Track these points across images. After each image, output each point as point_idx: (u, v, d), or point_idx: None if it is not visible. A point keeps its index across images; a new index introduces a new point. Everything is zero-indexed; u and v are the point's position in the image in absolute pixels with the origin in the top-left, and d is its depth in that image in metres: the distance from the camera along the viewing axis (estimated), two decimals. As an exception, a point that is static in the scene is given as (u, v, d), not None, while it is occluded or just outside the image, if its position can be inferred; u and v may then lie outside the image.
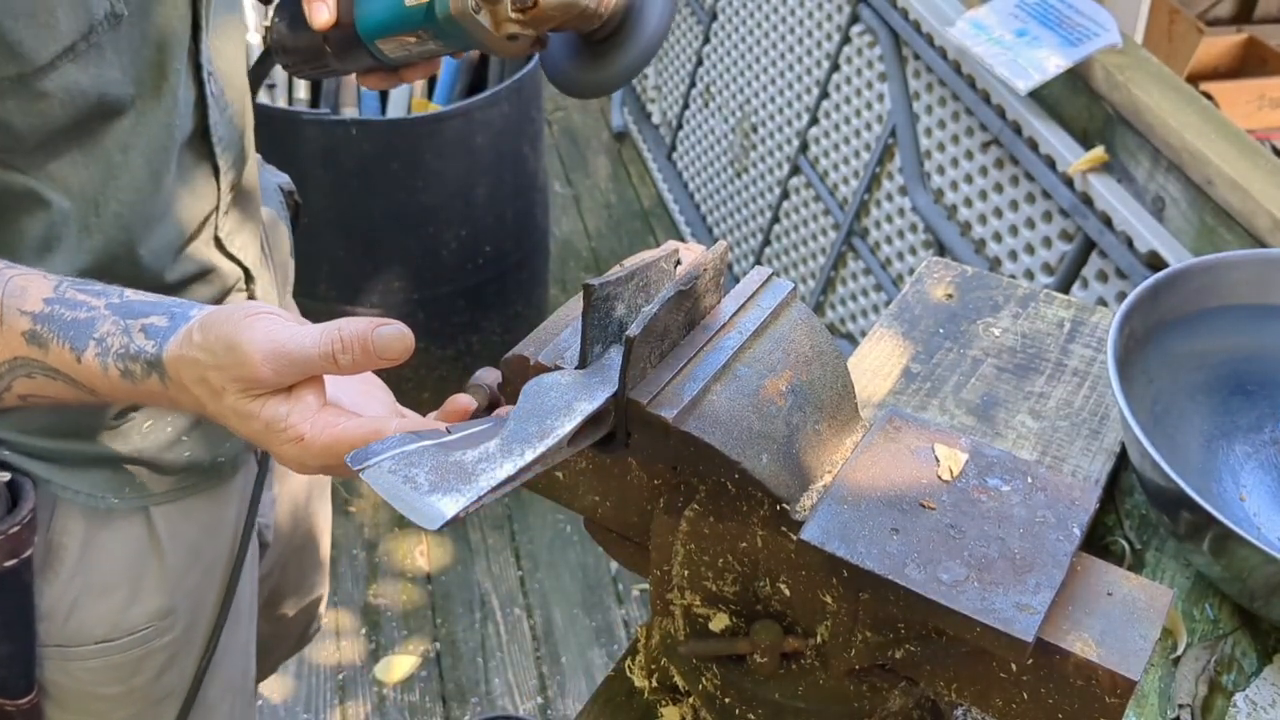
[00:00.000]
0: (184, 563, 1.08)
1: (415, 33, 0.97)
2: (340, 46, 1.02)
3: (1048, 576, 0.66)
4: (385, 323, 0.69)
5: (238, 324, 0.69)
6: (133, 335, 0.74)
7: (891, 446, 0.75)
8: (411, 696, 2.27)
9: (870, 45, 2.40)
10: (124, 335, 0.74)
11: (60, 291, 0.76)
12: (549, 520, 2.62)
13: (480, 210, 2.51)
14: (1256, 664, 0.92)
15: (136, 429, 1.01)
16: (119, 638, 1.06)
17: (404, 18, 0.97)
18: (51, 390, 0.78)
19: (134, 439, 1.01)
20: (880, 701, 0.75)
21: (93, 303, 0.76)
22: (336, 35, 1.01)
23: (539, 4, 0.91)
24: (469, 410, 0.75)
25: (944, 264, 1.27)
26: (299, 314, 0.82)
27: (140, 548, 1.05)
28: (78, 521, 1.01)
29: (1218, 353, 1.08)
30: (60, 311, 0.75)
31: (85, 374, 0.75)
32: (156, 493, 1.04)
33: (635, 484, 0.78)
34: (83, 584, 1.02)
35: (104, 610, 1.04)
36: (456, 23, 0.92)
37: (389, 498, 0.62)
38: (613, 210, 3.60)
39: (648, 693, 0.87)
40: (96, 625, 1.04)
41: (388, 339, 0.69)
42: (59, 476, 0.99)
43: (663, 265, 0.74)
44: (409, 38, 0.98)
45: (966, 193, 2.14)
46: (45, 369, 0.76)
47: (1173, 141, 1.63)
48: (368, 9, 0.99)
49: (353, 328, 0.69)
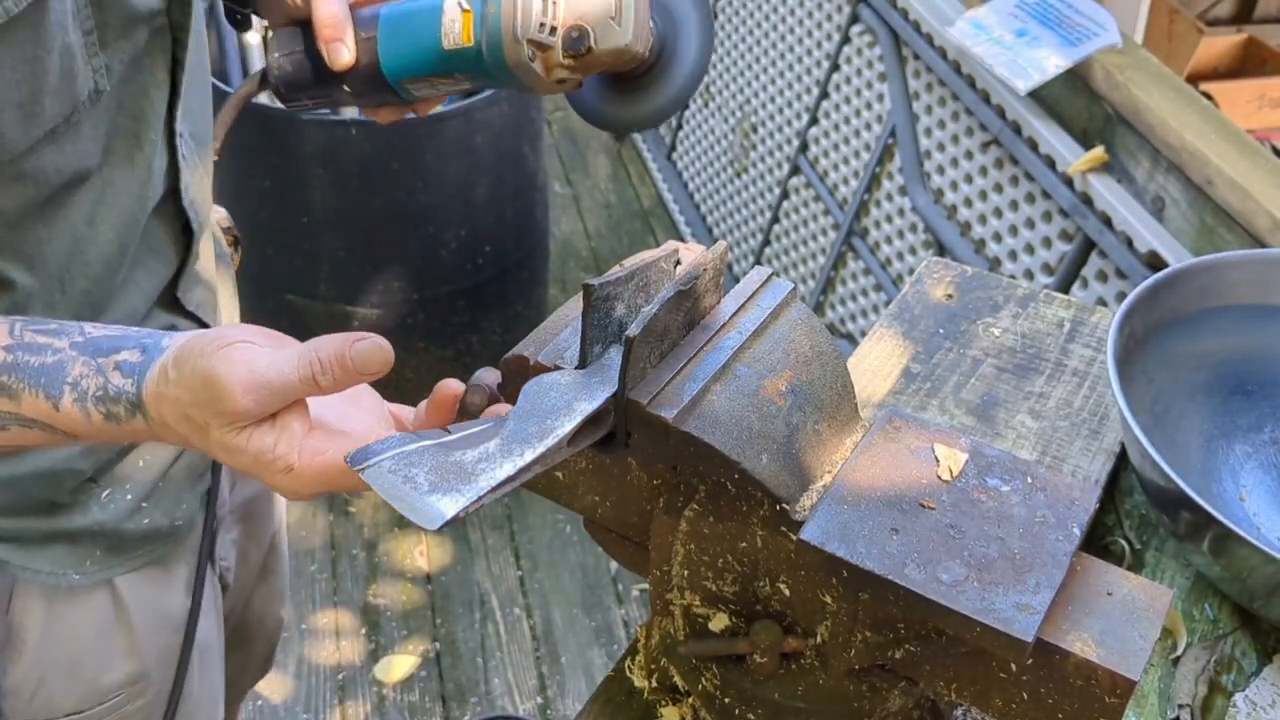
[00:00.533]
0: (153, 625, 1.05)
1: (453, 75, 0.97)
2: (359, 85, 1.00)
3: (1047, 576, 0.66)
4: (361, 337, 0.68)
5: (212, 357, 0.67)
6: (108, 375, 0.72)
7: (891, 446, 0.75)
8: (411, 696, 2.27)
9: (870, 45, 2.40)
10: (98, 375, 0.72)
11: (18, 335, 0.74)
12: (549, 520, 2.62)
13: (480, 210, 2.51)
14: (1256, 664, 0.92)
15: (95, 500, 0.98)
16: (90, 708, 1.03)
17: (444, 60, 0.96)
18: (29, 439, 0.75)
19: (93, 511, 0.98)
20: (880, 701, 0.75)
21: (56, 344, 0.73)
22: (356, 75, 0.99)
23: (592, 50, 0.92)
24: (458, 395, 0.74)
25: (944, 264, 1.27)
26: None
27: (106, 618, 1.02)
28: (38, 601, 0.98)
29: (1218, 353, 1.08)
30: (24, 358, 0.73)
31: (65, 420, 0.73)
32: (116, 565, 1.01)
33: (635, 484, 0.78)
34: (48, 661, 1.00)
35: (72, 684, 1.02)
36: (508, 70, 0.93)
37: (389, 498, 0.62)
38: (612, 210, 3.60)
39: (647, 693, 0.87)
40: (65, 699, 1.02)
41: (365, 354, 0.68)
42: (16, 556, 0.96)
43: (662, 265, 0.74)
44: (444, 79, 0.97)
45: (966, 193, 2.14)
46: (20, 420, 0.73)
47: (1172, 141, 1.63)
48: (396, 49, 0.98)
49: (329, 347, 0.68)
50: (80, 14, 0.80)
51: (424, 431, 0.67)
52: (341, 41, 0.97)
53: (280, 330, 0.73)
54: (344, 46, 0.97)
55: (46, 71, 0.78)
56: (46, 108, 0.80)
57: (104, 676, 1.03)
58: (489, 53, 0.92)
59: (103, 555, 1.00)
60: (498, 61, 0.93)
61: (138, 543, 1.02)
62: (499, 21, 0.91)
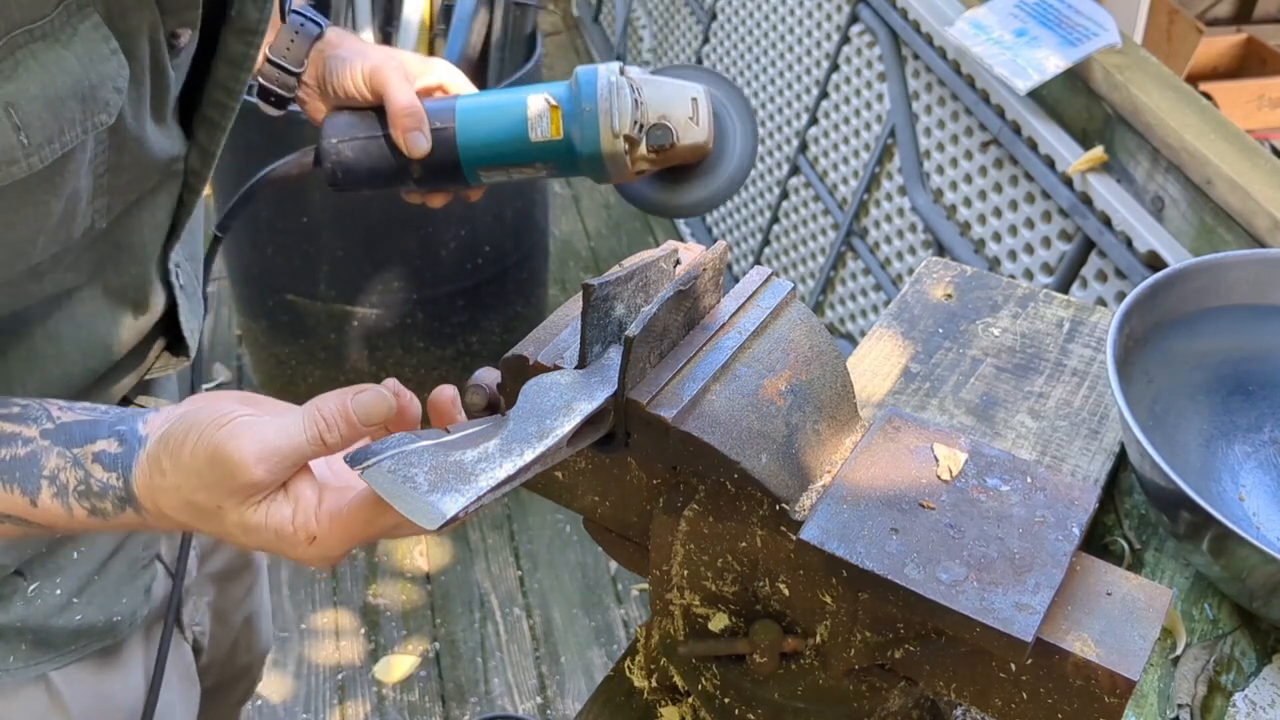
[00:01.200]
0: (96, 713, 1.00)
1: (534, 165, 1.04)
2: (430, 172, 1.05)
3: (1047, 576, 0.66)
4: (360, 389, 0.67)
5: (214, 436, 0.66)
6: (87, 468, 0.69)
7: (891, 446, 0.75)
8: (411, 696, 2.27)
9: (870, 45, 2.40)
10: (76, 468, 0.69)
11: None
12: (548, 520, 2.62)
13: (479, 210, 2.51)
14: (1256, 664, 0.92)
15: (20, 594, 0.93)
16: None
17: (529, 151, 1.03)
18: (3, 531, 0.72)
19: (16, 606, 0.92)
20: (879, 701, 0.75)
21: (26, 433, 0.71)
22: (428, 163, 1.04)
23: (674, 146, 1.03)
24: (452, 400, 0.73)
25: (943, 264, 1.27)
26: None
27: (41, 711, 0.96)
28: None
29: (1217, 353, 1.08)
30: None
31: (44, 516, 0.71)
32: (44, 661, 0.95)
33: (634, 484, 0.78)
34: None
35: None
36: (601, 161, 1.02)
37: (388, 498, 0.62)
38: (612, 210, 3.60)
39: (647, 693, 0.87)
40: None
41: (367, 406, 0.67)
42: None
43: (662, 265, 0.74)
44: (525, 169, 1.04)
45: (966, 193, 2.14)
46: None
47: (1172, 141, 1.63)
48: (477, 139, 1.03)
49: (331, 404, 0.67)
50: (96, 160, 0.77)
51: (424, 431, 0.67)
52: (420, 130, 1.00)
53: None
54: (421, 135, 1.00)
55: (50, 215, 0.75)
56: (39, 247, 0.76)
57: None
58: (584, 146, 1.02)
59: (28, 650, 0.94)
60: (594, 154, 1.02)
61: (69, 639, 0.96)
62: (596, 118, 1.01)
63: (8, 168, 0.68)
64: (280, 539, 0.67)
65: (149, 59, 0.76)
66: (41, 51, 0.67)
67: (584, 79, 1.02)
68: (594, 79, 1.02)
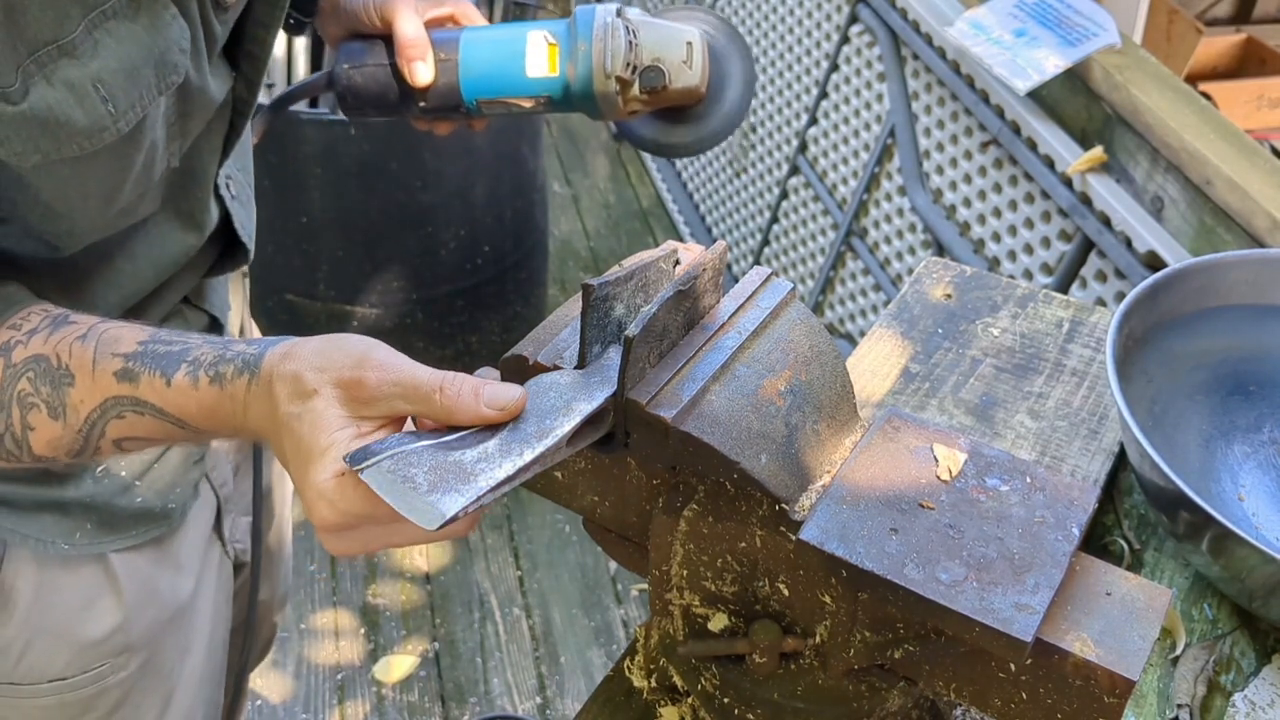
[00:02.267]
0: (142, 601, 1.06)
1: (530, 98, 1.08)
2: (433, 101, 1.09)
3: (1046, 576, 0.66)
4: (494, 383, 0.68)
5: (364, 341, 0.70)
6: (229, 348, 0.74)
7: (890, 446, 0.75)
8: (410, 696, 2.27)
9: (869, 45, 2.40)
10: (219, 349, 0.74)
11: (156, 335, 0.77)
12: (548, 520, 2.62)
13: (479, 210, 2.51)
14: (1255, 664, 0.92)
15: (89, 473, 1.00)
16: (73, 675, 1.04)
17: (526, 85, 1.07)
18: (143, 428, 0.77)
19: (86, 483, 0.99)
20: (879, 701, 0.75)
21: (189, 339, 0.76)
22: (432, 93, 1.08)
23: (666, 88, 1.05)
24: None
25: (943, 264, 1.27)
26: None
27: (97, 589, 1.03)
28: (30, 565, 0.99)
29: (1216, 353, 1.08)
30: (154, 348, 0.76)
31: (174, 398, 0.74)
32: (106, 540, 1.02)
33: (634, 484, 0.78)
34: (37, 624, 1.01)
35: (59, 650, 1.03)
36: (593, 99, 1.06)
37: (388, 497, 0.62)
38: (611, 210, 3.60)
39: (646, 693, 0.87)
40: (50, 664, 1.03)
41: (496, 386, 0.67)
42: (8, 520, 0.97)
43: (661, 265, 0.74)
44: (523, 101, 1.08)
45: (965, 193, 2.14)
46: (134, 403, 0.75)
47: (1171, 142, 1.63)
48: (478, 72, 1.07)
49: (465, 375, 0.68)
50: (169, 113, 0.84)
51: (423, 431, 0.67)
52: (424, 60, 1.05)
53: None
54: (425, 66, 1.05)
55: (133, 166, 0.82)
56: (126, 193, 0.83)
57: (90, 647, 1.04)
58: (578, 84, 1.05)
59: (94, 529, 1.01)
60: (586, 92, 1.05)
61: (130, 521, 1.03)
62: (589, 58, 1.04)
63: (99, 134, 0.76)
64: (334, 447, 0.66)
65: (199, 18, 0.83)
66: (115, 28, 0.74)
67: (581, 18, 1.05)
68: (591, 19, 1.05)
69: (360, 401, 0.67)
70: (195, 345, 0.76)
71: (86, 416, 0.77)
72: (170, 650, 1.12)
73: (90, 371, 0.76)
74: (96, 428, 0.77)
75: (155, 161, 0.84)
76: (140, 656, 1.08)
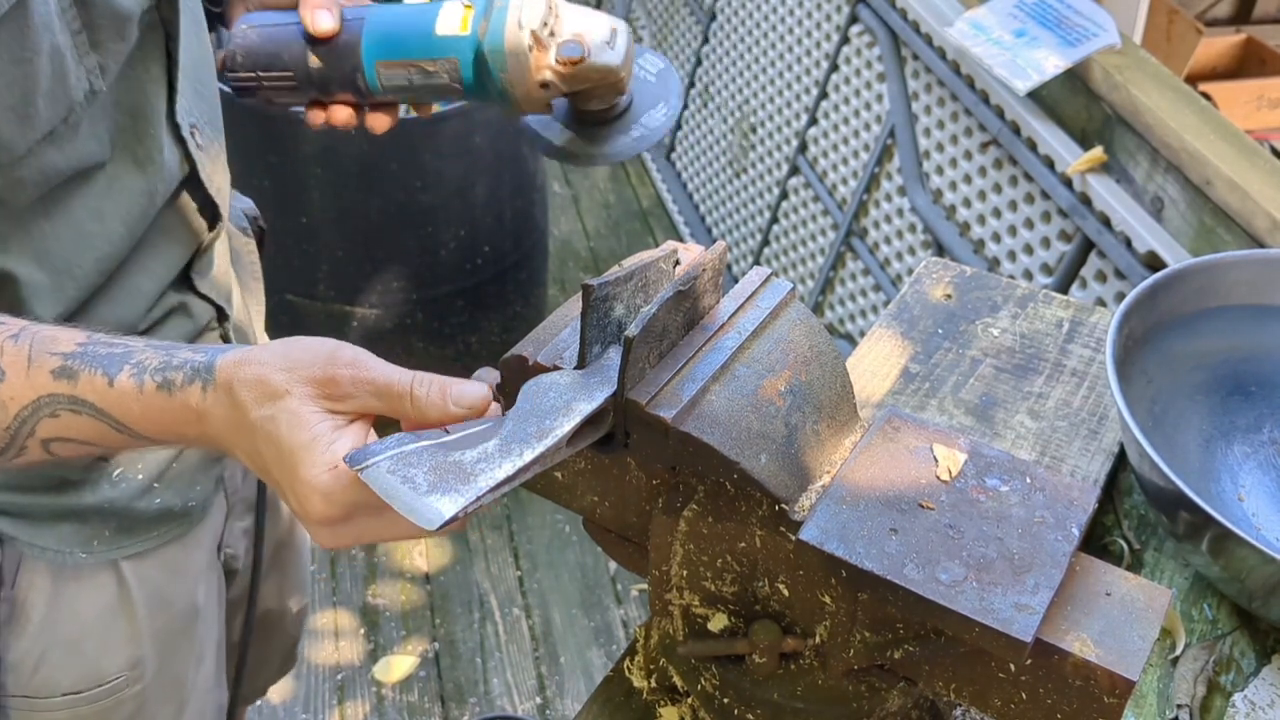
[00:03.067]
0: (154, 611, 1.06)
1: (435, 61, 0.99)
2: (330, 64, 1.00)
3: (1046, 577, 0.66)
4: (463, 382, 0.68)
5: (328, 342, 0.68)
6: (175, 354, 0.72)
7: (890, 446, 0.75)
8: (410, 696, 2.27)
9: (869, 45, 2.40)
10: (164, 355, 0.72)
11: (94, 337, 0.75)
12: (548, 520, 2.62)
13: (479, 210, 2.51)
14: (1255, 664, 0.92)
15: (106, 478, 0.98)
16: (87, 689, 1.03)
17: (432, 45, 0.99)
18: (77, 429, 0.74)
19: (104, 489, 0.98)
20: (879, 701, 0.75)
21: (130, 343, 0.74)
22: (331, 51, 1.00)
23: (584, 61, 0.97)
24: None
25: (943, 264, 1.27)
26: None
27: (110, 601, 1.03)
28: (44, 577, 0.99)
29: (1216, 353, 1.08)
30: (94, 349, 0.73)
31: (116, 399, 0.72)
32: (125, 545, 1.01)
33: (634, 484, 0.78)
34: (50, 638, 1.00)
35: (72, 663, 1.02)
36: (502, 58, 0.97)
37: (387, 498, 0.62)
38: (611, 210, 3.60)
39: (646, 693, 0.87)
40: (64, 678, 1.02)
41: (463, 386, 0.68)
42: (24, 533, 0.96)
43: (661, 265, 0.74)
44: (427, 65, 1.00)
45: (965, 193, 2.14)
46: (71, 402, 0.73)
47: (1171, 142, 1.63)
48: (383, 29, 0.99)
49: (433, 375, 0.68)
50: (66, 14, 0.80)
51: (423, 432, 0.67)
52: (327, 10, 0.97)
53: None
54: (328, 13, 0.97)
55: (37, 74, 0.78)
56: (41, 110, 0.80)
57: (104, 659, 1.03)
58: (489, 41, 0.97)
59: (112, 535, 1.00)
60: (496, 48, 0.97)
61: (149, 523, 1.02)
62: (504, 13, 0.97)
63: None
64: (314, 443, 0.66)
65: None
66: None
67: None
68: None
69: (333, 398, 0.67)
70: (138, 349, 0.73)
71: (16, 414, 0.74)
72: (183, 658, 1.11)
73: (24, 369, 0.73)
74: (26, 425, 0.74)
75: (68, 74, 0.81)
76: (154, 667, 1.08)
